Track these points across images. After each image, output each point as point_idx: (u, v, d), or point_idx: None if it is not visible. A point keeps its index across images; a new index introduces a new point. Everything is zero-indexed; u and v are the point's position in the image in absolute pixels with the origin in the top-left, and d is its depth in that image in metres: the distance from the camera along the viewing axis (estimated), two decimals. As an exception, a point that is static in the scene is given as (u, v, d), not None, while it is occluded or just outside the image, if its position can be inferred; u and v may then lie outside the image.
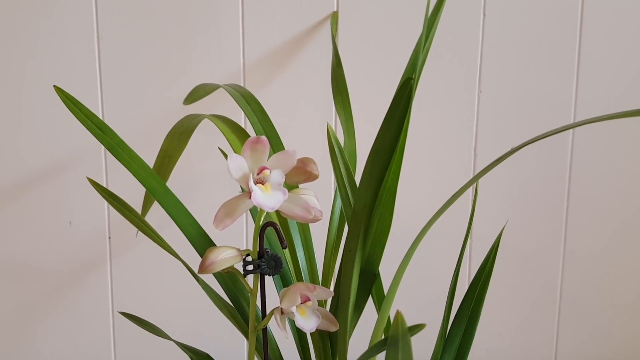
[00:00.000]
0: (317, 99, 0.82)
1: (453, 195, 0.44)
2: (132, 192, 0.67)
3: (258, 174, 0.44)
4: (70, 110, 0.53)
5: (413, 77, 0.40)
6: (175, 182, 0.62)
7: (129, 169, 0.54)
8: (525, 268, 0.88)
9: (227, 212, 0.44)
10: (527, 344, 0.91)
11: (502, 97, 0.83)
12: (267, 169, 0.44)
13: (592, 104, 0.83)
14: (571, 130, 0.84)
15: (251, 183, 0.43)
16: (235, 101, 0.62)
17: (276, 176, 0.44)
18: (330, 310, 0.52)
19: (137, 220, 0.55)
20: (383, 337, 0.50)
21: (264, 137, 0.44)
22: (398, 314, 0.38)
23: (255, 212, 0.58)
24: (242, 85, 0.82)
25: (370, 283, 0.49)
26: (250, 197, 0.43)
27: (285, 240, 0.48)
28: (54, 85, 0.52)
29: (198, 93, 0.72)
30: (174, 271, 0.85)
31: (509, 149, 0.85)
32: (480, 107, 0.84)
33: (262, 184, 0.44)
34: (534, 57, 0.82)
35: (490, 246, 0.62)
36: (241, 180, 0.44)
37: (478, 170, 0.85)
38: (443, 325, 0.50)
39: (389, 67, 0.81)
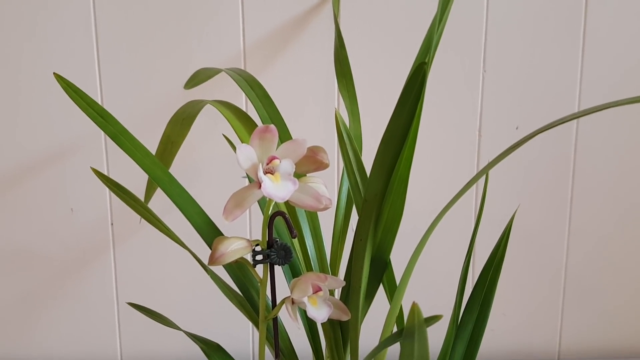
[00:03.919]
0: (320, 81, 0.81)
1: (466, 184, 0.43)
2: (134, 177, 0.66)
3: (267, 164, 0.43)
4: (71, 98, 0.51)
5: (426, 60, 0.39)
6: (176, 168, 0.61)
7: (132, 158, 0.53)
8: (530, 248, 0.88)
9: (236, 203, 0.43)
10: (532, 324, 0.91)
11: (507, 76, 0.82)
12: (277, 158, 0.43)
13: (598, 82, 0.82)
14: (576, 110, 0.83)
15: (260, 173, 0.42)
16: (239, 86, 0.60)
17: (286, 166, 0.43)
18: (340, 299, 0.52)
19: (143, 210, 0.54)
20: (395, 326, 0.49)
21: (272, 126, 0.43)
22: (414, 305, 0.37)
23: (262, 201, 0.57)
24: (242, 68, 0.81)
25: (381, 271, 0.49)
26: (259, 188, 0.42)
27: (295, 230, 0.47)
28: (54, 73, 0.51)
29: (199, 77, 0.70)
30: (178, 256, 0.85)
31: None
32: (485, 87, 0.82)
33: (272, 174, 0.43)
34: (539, 35, 0.81)
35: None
36: (250, 170, 0.43)
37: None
38: (455, 312, 0.49)
39: (394, 47, 0.80)
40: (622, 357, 0.91)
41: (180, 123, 0.61)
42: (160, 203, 0.63)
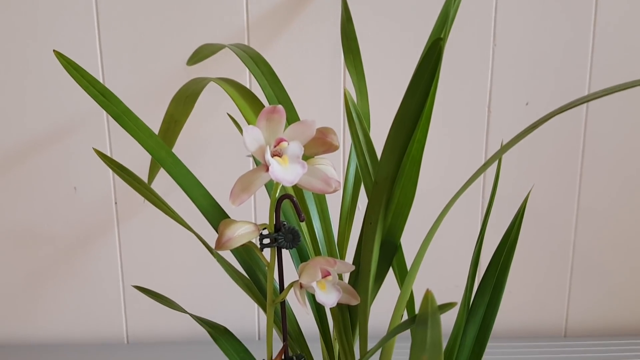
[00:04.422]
0: (326, 57, 0.79)
1: (480, 168, 0.41)
2: (137, 156, 0.65)
3: (275, 146, 0.42)
4: (72, 77, 0.50)
5: (442, 36, 0.37)
6: (179, 147, 0.59)
7: (135, 138, 0.51)
8: (538, 226, 0.87)
9: (243, 187, 0.42)
10: (539, 302, 0.90)
11: (518, 50, 0.80)
12: (285, 140, 0.41)
13: (609, 57, 0.80)
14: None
15: (268, 156, 0.41)
16: (243, 63, 0.59)
17: (294, 148, 0.41)
18: (349, 282, 0.51)
19: (146, 192, 0.53)
20: (406, 311, 0.48)
21: (280, 107, 0.41)
22: (428, 292, 0.36)
23: (269, 183, 0.56)
24: (246, 43, 0.79)
25: (391, 255, 0.48)
26: (267, 171, 0.41)
27: (303, 214, 0.46)
28: (54, 50, 0.49)
29: (202, 53, 0.68)
30: (183, 235, 0.84)
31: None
32: (495, 62, 0.80)
33: (280, 157, 0.41)
34: (550, 8, 0.78)
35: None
36: (257, 153, 0.42)
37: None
38: (466, 295, 0.49)
39: (403, 21, 0.77)
40: (629, 335, 0.90)
41: (184, 101, 0.59)
42: (164, 183, 0.62)
